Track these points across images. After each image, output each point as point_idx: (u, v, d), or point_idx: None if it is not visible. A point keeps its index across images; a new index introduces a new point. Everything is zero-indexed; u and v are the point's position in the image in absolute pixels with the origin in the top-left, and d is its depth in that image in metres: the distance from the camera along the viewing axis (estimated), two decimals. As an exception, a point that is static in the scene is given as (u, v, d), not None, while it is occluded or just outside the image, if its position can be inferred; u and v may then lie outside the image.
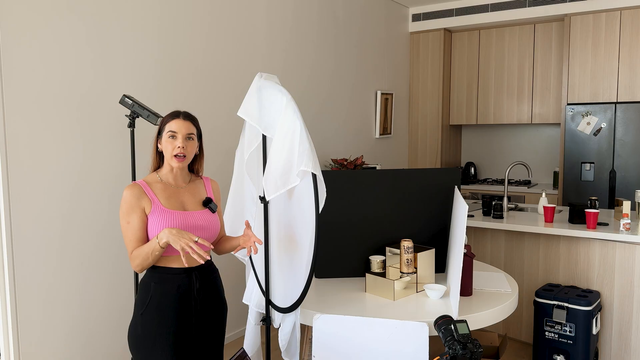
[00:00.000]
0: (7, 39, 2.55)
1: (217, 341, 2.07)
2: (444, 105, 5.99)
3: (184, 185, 2.01)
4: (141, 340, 1.90)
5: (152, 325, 1.89)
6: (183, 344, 1.93)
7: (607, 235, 3.25)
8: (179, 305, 1.92)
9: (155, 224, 1.88)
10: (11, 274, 2.61)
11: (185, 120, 1.93)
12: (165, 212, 1.90)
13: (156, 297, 1.90)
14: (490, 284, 2.49)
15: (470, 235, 3.92)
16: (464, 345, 1.63)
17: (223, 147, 3.75)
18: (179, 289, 1.92)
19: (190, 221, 1.93)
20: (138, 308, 1.92)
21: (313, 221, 2.05)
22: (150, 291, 1.91)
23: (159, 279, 1.91)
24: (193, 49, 3.49)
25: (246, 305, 3.96)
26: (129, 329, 1.94)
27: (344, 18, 4.95)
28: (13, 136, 2.60)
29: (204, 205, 2.01)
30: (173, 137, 1.91)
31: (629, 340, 3.28)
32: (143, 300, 1.91)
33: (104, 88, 2.99)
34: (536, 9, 5.26)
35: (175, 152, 1.90)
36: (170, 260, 1.93)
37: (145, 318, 1.90)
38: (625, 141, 4.79)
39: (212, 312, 2.03)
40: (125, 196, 1.87)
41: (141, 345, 1.90)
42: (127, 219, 1.87)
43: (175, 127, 1.91)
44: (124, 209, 1.87)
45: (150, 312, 1.89)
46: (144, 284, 1.94)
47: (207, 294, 2.02)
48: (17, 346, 2.65)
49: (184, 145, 1.91)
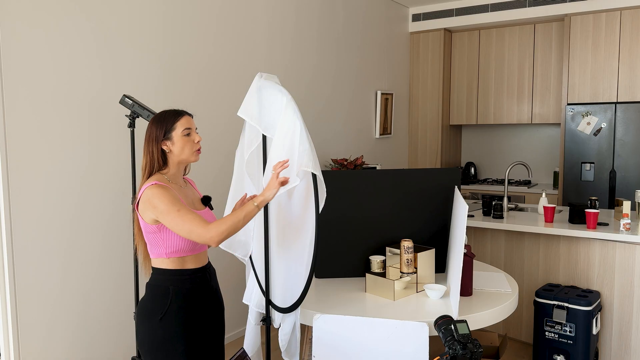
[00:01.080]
0: (7, 39, 2.56)
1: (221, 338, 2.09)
2: (444, 105, 5.99)
3: (185, 185, 2.02)
4: (161, 345, 1.86)
5: (174, 329, 1.86)
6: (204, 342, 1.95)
7: (607, 235, 3.25)
8: (200, 305, 1.93)
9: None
10: (11, 274, 2.61)
11: (190, 116, 1.96)
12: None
13: (177, 300, 1.87)
14: (490, 284, 2.49)
15: (470, 235, 3.92)
16: (464, 345, 1.63)
17: (223, 147, 3.75)
18: (197, 289, 1.93)
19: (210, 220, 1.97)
20: (154, 314, 1.87)
21: (313, 221, 2.05)
22: (170, 295, 1.87)
23: (176, 282, 1.88)
24: (194, 49, 3.49)
25: (246, 305, 3.96)
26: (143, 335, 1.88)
27: (344, 18, 4.95)
28: (13, 136, 2.60)
29: (204, 203, 2.03)
30: (188, 134, 1.91)
31: (629, 340, 3.28)
32: (161, 305, 1.86)
33: (104, 88, 2.99)
34: (536, 9, 5.26)
35: (196, 148, 1.93)
36: (186, 261, 1.91)
37: (165, 323, 1.86)
38: (625, 141, 4.79)
39: (220, 308, 2.07)
40: (163, 190, 1.80)
41: (161, 350, 1.86)
42: (177, 207, 1.78)
43: (188, 124, 1.92)
44: (168, 200, 1.78)
45: (170, 317, 1.86)
46: (158, 288, 1.88)
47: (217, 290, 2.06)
48: (17, 346, 2.65)
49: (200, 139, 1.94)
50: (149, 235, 1.88)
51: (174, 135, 1.90)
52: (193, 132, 1.93)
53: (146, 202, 1.81)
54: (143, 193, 1.84)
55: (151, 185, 1.83)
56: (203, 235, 1.77)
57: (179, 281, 1.89)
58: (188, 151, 1.91)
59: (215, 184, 3.71)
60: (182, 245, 1.87)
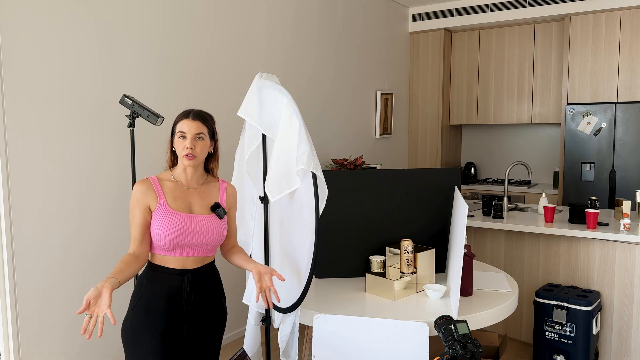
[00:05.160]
0: (7, 39, 2.55)
1: (211, 348, 2.00)
2: (444, 105, 5.98)
3: (195, 187, 1.96)
4: (129, 336, 1.88)
5: (140, 322, 1.88)
6: (171, 346, 1.90)
7: (607, 235, 3.24)
8: (168, 306, 1.89)
9: (157, 223, 1.86)
10: (11, 274, 2.61)
11: (194, 120, 1.90)
12: (169, 212, 1.88)
13: (147, 294, 1.89)
14: (490, 284, 2.48)
15: (470, 235, 3.92)
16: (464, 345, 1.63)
17: (223, 147, 3.75)
18: (169, 290, 1.90)
19: (192, 225, 1.89)
20: (131, 303, 1.92)
21: (313, 221, 2.05)
22: (142, 288, 1.91)
23: (152, 277, 1.91)
24: (194, 49, 3.49)
25: (246, 305, 3.96)
26: (123, 322, 1.94)
27: (344, 18, 4.95)
28: (13, 136, 2.60)
29: (211, 210, 1.96)
30: (183, 137, 1.90)
31: (629, 340, 3.28)
32: (135, 296, 1.91)
33: (104, 88, 2.99)
34: (536, 9, 5.26)
35: (185, 152, 1.89)
36: (167, 260, 1.90)
37: (135, 314, 1.89)
38: (625, 141, 4.79)
39: (207, 317, 1.97)
40: (134, 191, 1.90)
41: (129, 341, 1.89)
42: (132, 213, 1.89)
43: (185, 127, 1.89)
44: (131, 203, 1.90)
45: (139, 309, 1.88)
46: (139, 279, 1.95)
47: (202, 298, 1.96)
48: (17, 346, 2.65)
49: (192, 146, 1.87)
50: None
51: (175, 135, 1.92)
52: (187, 136, 1.88)
53: None
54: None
55: (138, 181, 1.94)
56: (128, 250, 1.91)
57: (153, 276, 1.91)
58: (179, 154, 1.91)
59: (215, 184, 3.71)
60: (162, 243, 1.88)
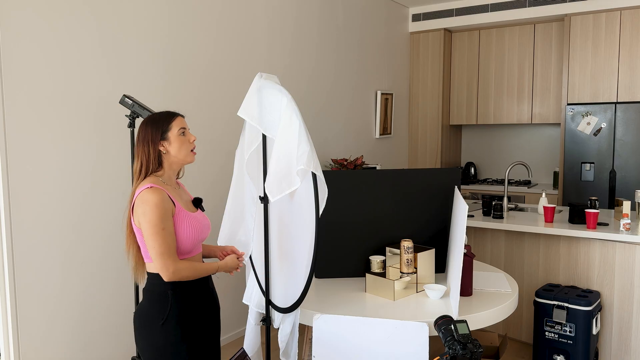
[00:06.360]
0: (8, 39, 2.55)
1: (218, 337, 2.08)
2: (444, 105, 5.99)
3: (178, 187, 2.01)
4: (163, 351, 1.85)
5: (175, 333, 1.85)
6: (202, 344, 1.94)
7: (607, 235, 3.24)
8: (200, 306, 1.93)
9: (182, 226, 1.85)
10: (11, 274, 2.61)
11: (183, 117, 1.97)
12: (188, 215, 1.89)
13: (177, 304, 1.86)
14: (490, 284, 2.49)
15: (470, 235, 3.92)
16: (464, 346, 1.63)
17: (223, 147, 3.75)
18: (196, 290, 1.92)
19: (204, 222, 1.96)
20: (155, 320, 1.85)
21: (313, 221, 2.05)
22: (169, 300, 1.85)
23: (175, 285, 1.86)
24: (194, 50, 3.49)
25: (246, 305, 3.96)
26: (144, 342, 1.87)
27: (344, 18, 4.95)
28: (13, 136, 2.60)
29: (195, 205, 2.01)
30: (184, 133, 1.92)
31: (629, 340, 3.28)
32: (162, 311, 1.85)
33: (104, 88, 2.99)
34: (536, 9, 5.26)
35: (192, 147, 1.94)
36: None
37: (167, 328, 1.84)
38: (625, 141, 4.79)
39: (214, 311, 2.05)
40: (157, 201, 1.78)
41: (164, 355, 1.85)
42: (163, 225, 1.78)
43: (183, 124, 1.93)
44: (157, 215, 1.78)
45: (171, 321, 1.85)
46: (157, 293, 1.86)
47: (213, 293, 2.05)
48: (17, 346, 2.65)
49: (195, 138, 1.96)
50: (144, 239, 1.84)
51: (170, 136, 1.89)
52: (187, 131, 1.94)
53: (140, 205, 1.80)
54: (139, 196, 1.81)
55: (148, 189, 1.80)
56: (168, 266, 1.79)
57: (177, 285, 1.87)
58: (185, 151, 1.91)
59: (215, 184, 3.71)
60: (186, 246, 1.86)
